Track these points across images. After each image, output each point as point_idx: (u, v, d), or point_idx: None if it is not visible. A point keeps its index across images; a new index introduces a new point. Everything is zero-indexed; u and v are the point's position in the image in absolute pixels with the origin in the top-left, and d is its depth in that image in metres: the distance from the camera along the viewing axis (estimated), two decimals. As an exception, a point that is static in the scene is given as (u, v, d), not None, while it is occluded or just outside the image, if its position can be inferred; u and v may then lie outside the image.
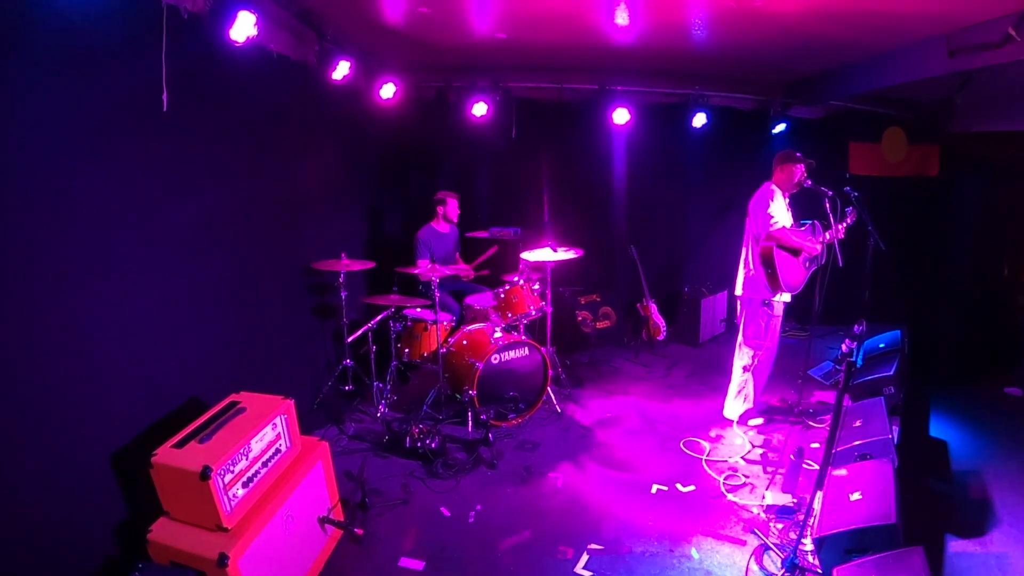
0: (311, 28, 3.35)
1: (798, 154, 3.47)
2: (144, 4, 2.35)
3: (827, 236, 3.43)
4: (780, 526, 2.71)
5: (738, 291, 3.65)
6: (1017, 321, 4.95)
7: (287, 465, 2.38)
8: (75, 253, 2.14)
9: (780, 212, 3.40)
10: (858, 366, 3.82)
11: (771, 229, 3.33)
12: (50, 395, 2.05)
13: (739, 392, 3.73)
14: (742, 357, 3.68)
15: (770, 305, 3.51)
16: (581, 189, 5.46)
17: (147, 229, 2.46)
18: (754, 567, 2.47)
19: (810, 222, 3.54)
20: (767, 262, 3.38)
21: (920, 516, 2.49)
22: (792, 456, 2.97)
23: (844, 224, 3.45)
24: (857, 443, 2.80)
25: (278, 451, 2.33)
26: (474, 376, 3.58)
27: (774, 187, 3.47)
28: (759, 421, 3.74)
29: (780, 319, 3.60)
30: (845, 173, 5.51)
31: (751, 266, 3.51)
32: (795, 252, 3.44)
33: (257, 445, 2.20)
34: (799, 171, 3.44)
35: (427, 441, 3.28)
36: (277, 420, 2.32)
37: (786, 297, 3.55)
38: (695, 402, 4.19)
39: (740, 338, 3.68)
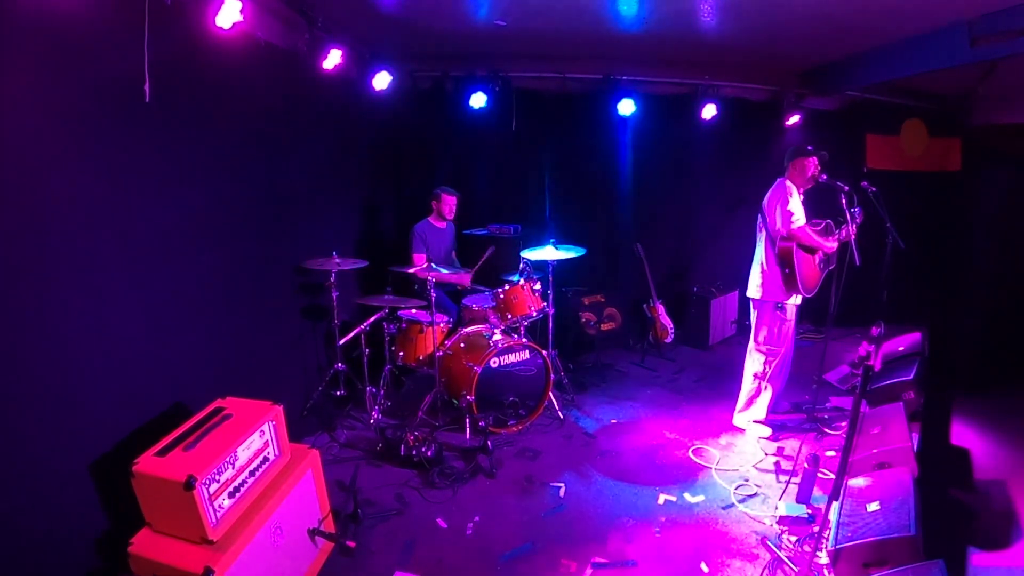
0: (301, 14, 3.28)
1: (809, 147, 3.39)
2: (125, -11, 2.28)
3: (841, 235, 3.37)
4: (794, 538, 2.64)
5: (750, 292, 3.57)
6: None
7: (276, 474, 2.32)
8: (51, 252, 2.08)
9: (798, 209, 3.32)
10: (876, 370, 3.74)
11: (792, 227, 3.26)
12: (25, 400, 1.99)
13: (750, 401, 3.64)
14: (754, 363, 3.60)
15: (783, 308, 3.45)
16: (584, 184, 5.37)
17: (127, 226, 2.40)
18: (767, 582, 2.40)
19: (824, 221, 3.47)
20: (786, 262, 3.31)
21: (941, 527, 2.41)
22: (806, 464, 2.90)
23: (854, 225, 3.34)
24: (875, 451, 2.74)
25: (266, 459, 2.27)
26: (472, 380, 3.50)
27: (789, 184, 3.39)
28: (766, 432, 3.61)
29: (794, 323, 3.53)
30: (862, 167, 5.43)
31: (766, 267, 3.44)
32: (812, 251, 3.37)
33: (244, 453, 2.14)
34: (812, 164, 3.37)
35: (423, 449, 3.23)
36: (265, 427, 2.27)
37: (797, 300, 3.47)
38: (704, 408, 4.11)
39: (752, 343, 3.60)
